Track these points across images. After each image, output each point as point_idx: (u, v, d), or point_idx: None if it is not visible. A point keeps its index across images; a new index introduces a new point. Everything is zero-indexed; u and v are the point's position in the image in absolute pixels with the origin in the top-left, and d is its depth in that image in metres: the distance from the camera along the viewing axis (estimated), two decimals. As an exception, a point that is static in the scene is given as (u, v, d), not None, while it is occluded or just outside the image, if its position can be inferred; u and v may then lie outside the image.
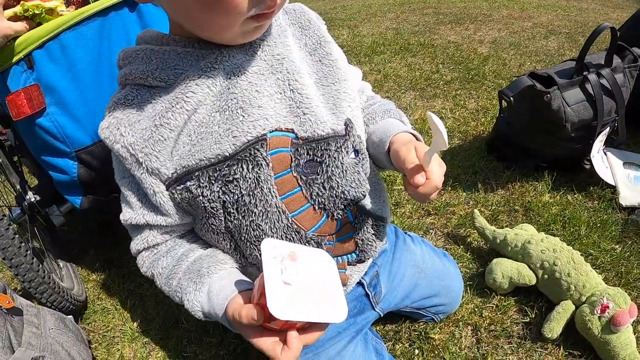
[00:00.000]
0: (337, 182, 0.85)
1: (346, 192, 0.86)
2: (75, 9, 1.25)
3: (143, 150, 0.77)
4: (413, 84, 2.97)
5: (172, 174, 0.79)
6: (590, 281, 1.28)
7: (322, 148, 0.83)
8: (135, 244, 0.91)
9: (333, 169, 0.84)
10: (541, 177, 1.89)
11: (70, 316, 1.38)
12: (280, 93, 0.82)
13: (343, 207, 0.88)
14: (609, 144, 1.92)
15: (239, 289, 0.77)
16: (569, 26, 5.31)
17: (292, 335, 0.66)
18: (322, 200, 0.86)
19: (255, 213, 0.81)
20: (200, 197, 0.80)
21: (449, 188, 1.86)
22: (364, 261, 1.02)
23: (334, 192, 0.85)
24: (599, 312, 1.19)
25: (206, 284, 0.82)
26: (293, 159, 0.82)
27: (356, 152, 0.88)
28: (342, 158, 0.85)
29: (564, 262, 1.31)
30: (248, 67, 0.80)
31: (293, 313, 0.62)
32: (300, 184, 0.84)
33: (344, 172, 0.85)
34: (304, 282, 0.67)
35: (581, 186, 1.87)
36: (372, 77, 3.14)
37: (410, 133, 0.87)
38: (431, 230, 1.68)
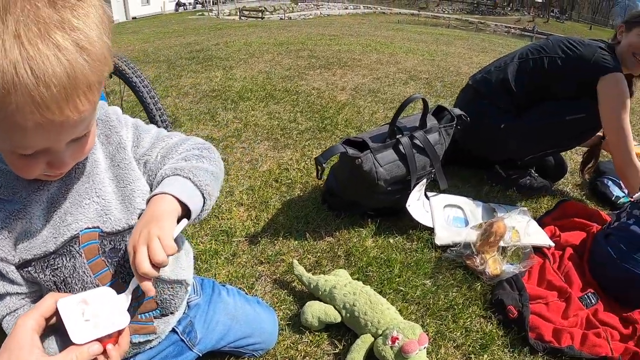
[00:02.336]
0: None
1: None
2: None
3: None
4: (269, 133, 3.19)
5: (17, 261, 0.99)
6: (385, 317, 1.54)
7: (120, 239, 1.07)
8: (0, 311, 1.06)
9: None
10: (366, 223, 2.16)
11: None
12: (89, 199, 1.04)
13: None
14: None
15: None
16: (430, 71, 5.76)
17: (109, 347, 0.93)
18: (125, 275, 1.08)
19: (76, 289, 1.04)
20: (38, 278, 1.01)
21: (281, 238, 2.07)
22: (168, 315, 1.23)
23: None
24: (390, 343, 1.46)
25: None
26: (100, 248, 1.05)
27: None
28: None
29: (362, 303, 1.58)
30: (65, 184, 1.02)
31: (93, 334, 0.90)
32: (108, 265, 1.06)
33: None
34: (97, 312, 0.93)
35: (403, 229, 2.16)
36: (233, 126, 3.33)
37: (176, 198, 1.01)
38: (262, 277, 1.87)
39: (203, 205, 1.05)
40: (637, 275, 1.85)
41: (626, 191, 2.64)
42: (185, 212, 1.00)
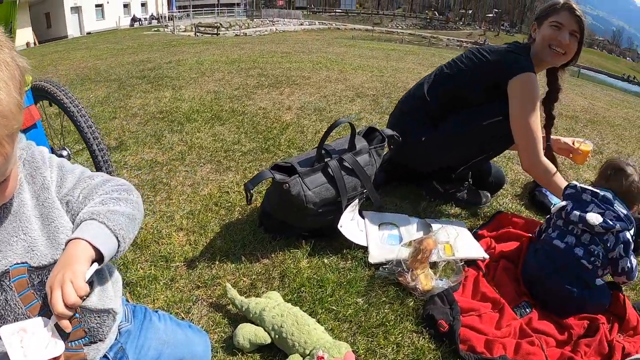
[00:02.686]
0: None
1: None
2: None
3: None
4: (213, 156, 3.23)
5: None
6: (311, 337, 1.61)
7: (47, 272, 1.12)
8: None
9: None
10: (301, 245, 2.22)
11: None
12: (17, 237, 1.10)
13: None
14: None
15: None
16: (378, 88, 5.86)
17: None
18: None
19: (9, 320, 1.08)
20: None
21: (218, 262, 2.11)
22: (97, 342, 1.27)
23: None
24: (316, 361, 1.52)
25: None
26: (29, 282, 1.11)
27: None
28: None
29: (289, 324, 1.65)
30: None
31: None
32: (37, 297, 1.12)
33: None
34: (33, 340, 1.00)
35: (337, 249, 2.23)
36: (178, 149, 3.36)
37: (90, 243, 1.08)
38: (198, 301, 1.90)
39: (118, 248, 1.12)
40: (566, 290, 1.94)
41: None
42: (99, 255, 1.08)
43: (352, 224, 2.28)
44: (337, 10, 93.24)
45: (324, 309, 1.87)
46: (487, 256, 2.26)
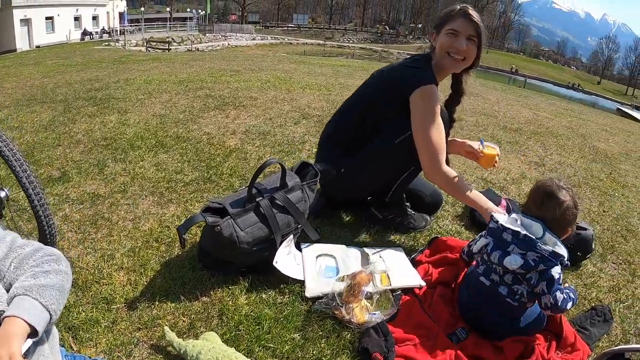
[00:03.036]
0: None
1: None
2: None
3: None
4: (155, 187, 3.20)
5: None
6: (247, 378, 1.63)
7: None
8: None
9: None
10: (239, 281, 2.24)
11: None
12: None
13: None
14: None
15: None
16: (324, 108, 5.91)
17: None
18: None
19: None
20: None
21: (157, 301, 2.11)
22: None
23: None
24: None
25: None
26: None
27: None
28: None
29: (224, 367, 1.66)
30: None
31: None
32: None
33: None
34: None
35: (275, 284, 2.25)
36: (120, 180, 3.31)
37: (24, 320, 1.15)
38: (139, 344, 1.89)
39: (50, 320, 1.21)
40: (498, 320, 2.00)
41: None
42: (34, 330, 1.16)
43: (288, 259, 2.31)
44: (289, 25, 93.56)
45: (261, 347, 1.89)
46: (423, 283, 2.30)
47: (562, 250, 1.90)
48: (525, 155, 5.17)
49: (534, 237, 1.91)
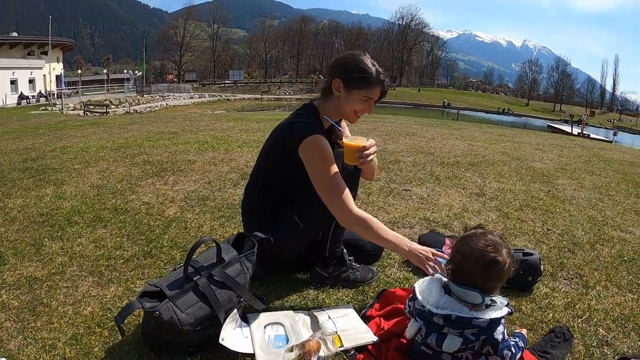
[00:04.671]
0: None
1: None
2: None
3: None
4: (94, 266, 3.03)
5: None
6: None
7: None
8: None
9: None
10: (188, 362, 2.13)
11: None
12: None
13: None
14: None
15: None
16: (261, 166, 5.84)
17: None
18: None
19: None
20: None
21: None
22: None
23: None
24: None
25: None
26: None
27: None
28: None
29: None
30: None
31: None
32: None
33: None
34: None
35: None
36: (58, 260, 3.13)
37: None
38: None
39: None
40: None
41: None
42: None
43: (235, 333, 2.23)
44: (226, 82, 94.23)
45: None
46: (376, 339, 2.24)
47: (501, 311, 1.84)
48: (465, 188, 5.26)
49: (466, 316, 1.80)
